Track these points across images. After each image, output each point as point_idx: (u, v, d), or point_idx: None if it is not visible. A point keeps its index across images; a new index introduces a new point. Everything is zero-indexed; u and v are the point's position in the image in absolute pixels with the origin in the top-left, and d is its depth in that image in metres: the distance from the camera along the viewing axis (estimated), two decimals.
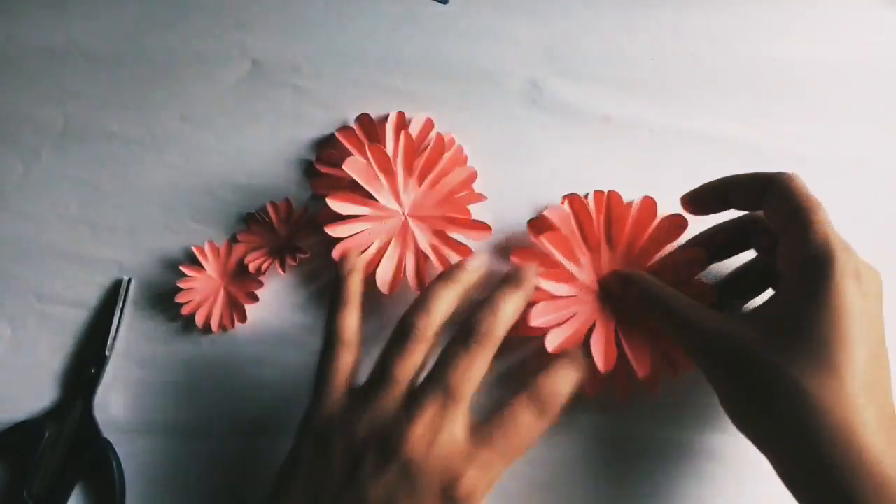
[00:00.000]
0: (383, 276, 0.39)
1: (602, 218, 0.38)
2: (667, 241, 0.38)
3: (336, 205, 0.38)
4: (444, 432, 0.28)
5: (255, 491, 0.39)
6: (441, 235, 0.40)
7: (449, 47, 0.44)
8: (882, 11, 0.44)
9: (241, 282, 0.41)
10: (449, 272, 0.33)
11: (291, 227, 0.41)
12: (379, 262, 0.39)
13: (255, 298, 0.40)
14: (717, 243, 0.37)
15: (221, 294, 0.41)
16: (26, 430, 0.39)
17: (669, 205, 0.40)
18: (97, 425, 0.39)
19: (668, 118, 0.42)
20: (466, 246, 0.39)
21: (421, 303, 0.32)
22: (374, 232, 0.39)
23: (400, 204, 0.40)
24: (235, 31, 0.44)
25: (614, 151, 0.42)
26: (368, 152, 0.38)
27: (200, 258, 0.41)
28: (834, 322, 0.27)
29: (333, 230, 0.38)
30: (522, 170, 0.42)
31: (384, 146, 0.40)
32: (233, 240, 0.42)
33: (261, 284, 0.41)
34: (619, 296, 0.37)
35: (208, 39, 0.44)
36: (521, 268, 0.33)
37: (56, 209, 0.43)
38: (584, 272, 0.38)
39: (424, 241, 0.40)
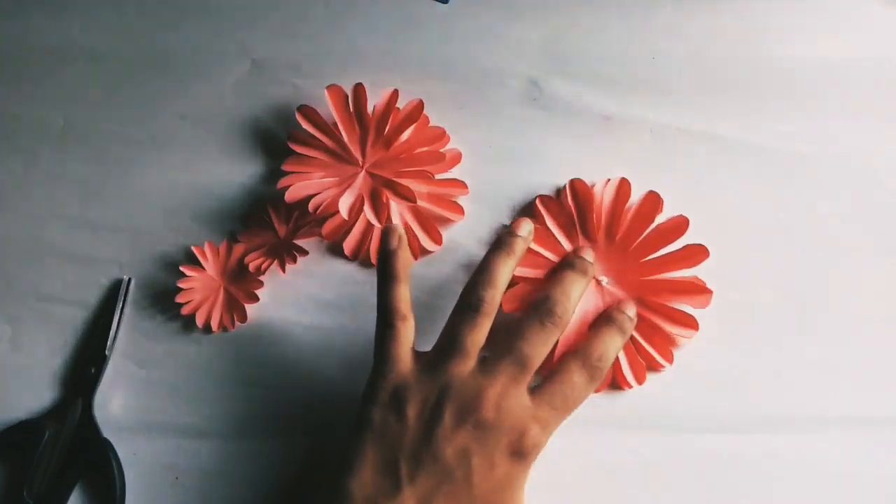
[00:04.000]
0: (350, 243, 0.41)
1: (606, 207, 0.40)
2: (665, 241, 0.39)
3: (297, 146, 0.41)
4: (514, 396, 0.32)
5: (254, 490, 0.39)
6: (415, 211, 0.41)
7: (449, 47, 0.44)
8: (882, 11, 0.44)
9: (241, 282, 0.41)
10: (505, 242, 0.36)
11: (291, 226, 0.41)
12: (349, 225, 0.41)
13: (255, 298, 0.40)
14: None
15: (221, 294, 0.41)
16: (26, 430, 0.39)
17: (670, 204, 0.40)
18: (97, 425, 0.39)
19: (668, 118, 0.42)
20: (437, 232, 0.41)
21: (485, 276, 0.34)
22: (331, 184, 0.41)
23: (363, 156, 0.41)
24: (235, 31, 0.44)
25: (614, 151, 0.42)
26: (352, 90, 0.41)
27: (200, 258, 0.41)
28: None
29: (290, 192, 0.40)
30: (522, 169, 0.42)
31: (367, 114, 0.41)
32: (233, 240, 0.42)
33: (261, 284, 0.41)
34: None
35: (208, 39, 0.44)
36: (580, 257, 0.38)
37: (56, 209, 0.43)
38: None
39: (396, 211, 0.41)
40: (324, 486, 0.33)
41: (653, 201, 0.39)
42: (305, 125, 0.41)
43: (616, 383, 0.38)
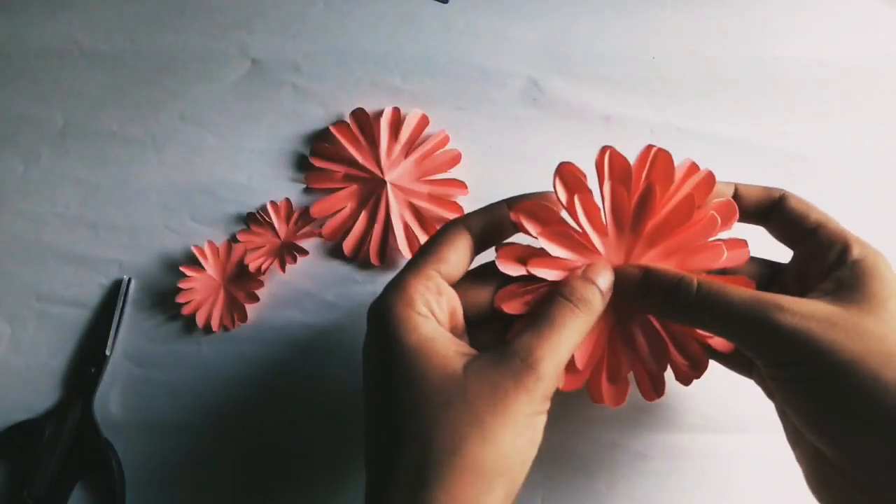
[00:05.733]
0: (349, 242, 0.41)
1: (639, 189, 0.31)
2: (709, 233, 0.31)
3: (319, 161, 0.42)
4: None
5: (255, 490, 0.39)
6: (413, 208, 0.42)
7: (449, 47, 0.44)
8: (883, 11, 0.44)
9: (241, 282, 0.41)
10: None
11: (291, 226, 0.41)
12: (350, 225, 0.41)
13: (255, 298, 0.40)
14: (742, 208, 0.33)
15: (221, 294, 0.41)
16: (26, 430, 0.39)
17: None
18: (97, 425, 0.39)
19: (668, 118, 0.42)
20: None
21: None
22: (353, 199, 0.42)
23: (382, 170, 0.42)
24: (235, 31, 0.44)
25: None
26: (350, 116, 0.42)
27: (200, 258, 0.41)
28: None
29: (317, 209, 0.41)
30: (522, 169, 0.42)
31: (378, 141, 0.41)
32: (233, 240, 0.42)
33: (261, 284, 0.41)
34: (634, 298, 0.30)
35: (208, 39, 0.44)
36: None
37: (56, 209, 0.42)
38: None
39: (397, 211, 0.41)
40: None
41: (707, 181, 0.31)
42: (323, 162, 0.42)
43: (658, 391, 0.33)
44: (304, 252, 0.41)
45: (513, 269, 0.31)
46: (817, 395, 0.26)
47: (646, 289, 0.30)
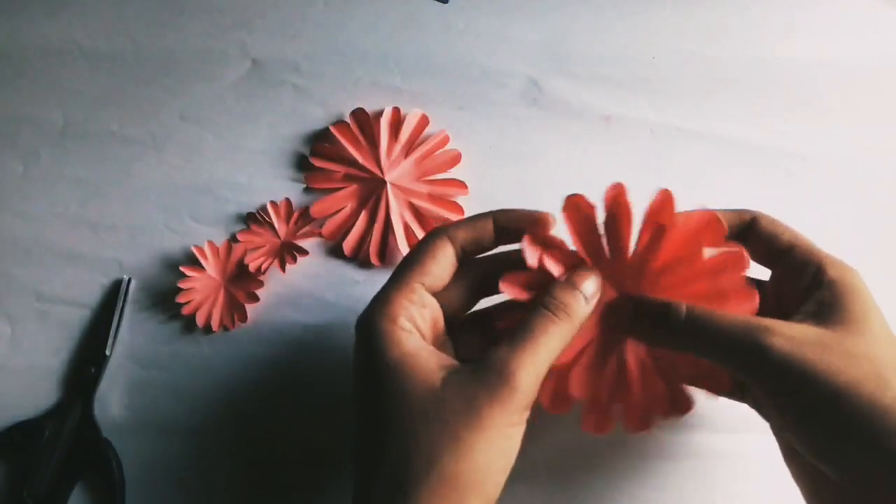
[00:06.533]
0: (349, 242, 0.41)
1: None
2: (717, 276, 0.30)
3: (319, 161, 0.42)
4: None
5: (254, 489, 0.39)
6: (412, 208, 0.41)
7: (449, 47, 0.44)
8: (882, 11, 0.44)
9: (241, 282, 0.41)
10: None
11: (291, 226, 0.41)
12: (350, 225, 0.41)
13: (255, 298, 0.40)
14: None
15: (221, 294, 0.41)
16: (26, 430, 0.39)
17: None
18: (97, 425, 0.39)
19: (668, 118, 0.42)
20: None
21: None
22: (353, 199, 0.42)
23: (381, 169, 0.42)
24: (235, 31, 0.44)
25: (614, 151, 0.42)
26: (350, 116, 0.42)
27: (200, 258, 0.41)
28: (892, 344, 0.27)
29: (317, 208, 0.41)
30: (522, 170, 0.42)
31: (378, 141, 0.41)
32: (233, 239, 0.42)
33: (261, 284, 0.41)
34: (625, 328, 0.31)
35: (208, 39, 0.44)
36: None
37: (56, 209, 0.42)
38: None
39: (397, 211, 0.41)
40: None
41: (709, 222, 0.30)
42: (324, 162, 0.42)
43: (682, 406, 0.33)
44: (304, 252, 0.41)
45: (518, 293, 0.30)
46: (816, 421, 0.26)
47: (636, 316, 0.30)
